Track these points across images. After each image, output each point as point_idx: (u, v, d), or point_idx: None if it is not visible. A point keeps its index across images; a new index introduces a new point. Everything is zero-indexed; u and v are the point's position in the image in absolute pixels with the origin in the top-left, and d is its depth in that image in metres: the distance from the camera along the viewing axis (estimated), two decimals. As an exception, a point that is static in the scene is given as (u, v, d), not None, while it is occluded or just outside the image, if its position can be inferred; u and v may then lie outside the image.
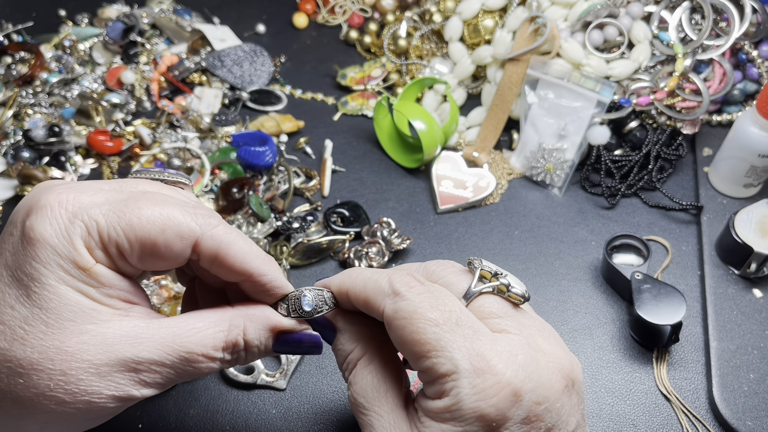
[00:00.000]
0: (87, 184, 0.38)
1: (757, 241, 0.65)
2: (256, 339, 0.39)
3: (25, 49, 0.94)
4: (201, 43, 0.98)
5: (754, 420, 0.57)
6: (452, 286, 0.39)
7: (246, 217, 0.74)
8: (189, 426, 0.58)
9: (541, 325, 0.39)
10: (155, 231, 0.36)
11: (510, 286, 0.38)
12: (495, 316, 0.37)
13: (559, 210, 0.77)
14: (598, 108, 0.75)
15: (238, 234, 0.39)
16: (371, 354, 0.40)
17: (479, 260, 0.39)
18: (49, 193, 0.36)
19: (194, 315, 0.39)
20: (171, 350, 0.36)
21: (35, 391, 0.34)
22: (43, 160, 0.82)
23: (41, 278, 0.34)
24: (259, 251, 0.39)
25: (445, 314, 0.35)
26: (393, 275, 0.38)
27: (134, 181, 0.40)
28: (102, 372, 0.35)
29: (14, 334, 0.34)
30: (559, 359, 0.37)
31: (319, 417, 0.59)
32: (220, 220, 0.38)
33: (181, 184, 0.43)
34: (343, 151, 0.84)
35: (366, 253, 0.69)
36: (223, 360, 0.39)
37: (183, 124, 0.86)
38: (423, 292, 0.36)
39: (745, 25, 0.76)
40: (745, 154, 0.70)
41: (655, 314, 0.60)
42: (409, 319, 0.35)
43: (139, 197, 0.37)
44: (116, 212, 0.36)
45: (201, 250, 0.37)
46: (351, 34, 1.00)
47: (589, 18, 0.79)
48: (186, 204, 0.38)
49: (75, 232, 0.35)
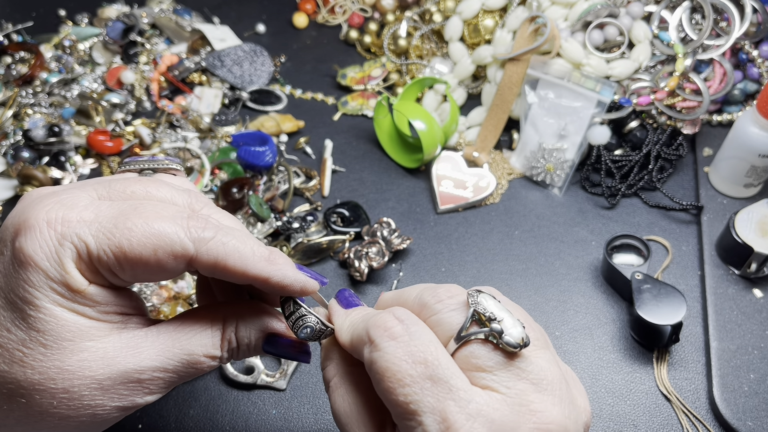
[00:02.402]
0: (75, 196, 0.36)
1: (758, 241, 0.65)
2: (246, 337, 0.39)
3: (25, 49, 0.94)
4: (201, 43, 0.98)
5: (755, 420, 0.57)
6: (443, 326, 0.35)
7: (246, 217, 0.74)
8: (189, 426, 0.58)
9: (538, 376, 0.34)
10: (147, 253, 0.34)
11: (503, 333, 0.33)
12: (482, 369, 0.33)
13: (559, 210, 0.77)
14: (599, 108, 0.75)
15: (236, 238, 0.36)
16: (340, 378, 0.39)
17: (475, 294, 0.36)
18: (38, 209, 0.35)
19: (190, 316, 0.39)
20: (172, 354, 0.36)
21: (38, 410, 0.34)
22: (43, 160, 0.82)
23: (35, 301, 0.34)
24: (260, 252, 0.37)
25: (419, 368, 0.32)
26: (371, 319, 0.35)
27: (123, 182, 0.38)
28: (105, 386, 0.35)
29: (12, 357, 0.34)
30: (548, 423, 0.32)
31: (319, 417, 0.59)
32: (216, 230, 0.36)
33: (173, 170, 0.42)
34: (343, 151, 0.84)
35: (366, 253, 0.69)
36: (222, 358, 0.39)
37: (183, 124, 0.86)
38: (399, 337, 0.33)
39: (746, 25, 0.76)
40: (746, 154, 0.70)
41: (655, 314, 0.60)
42: (381, 375, 0.33)
43: (129, 213, 0.35)
44: (106, 233, 0.34)
45: (198, 265, 0.36)
46: (351, 34, 1.00)
47: (590, 18, 0.79)
48: (179, 212, 0.36)
49: (65, 254, 0.34)
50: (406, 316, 0.35)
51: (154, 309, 0.65)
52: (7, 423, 0.35)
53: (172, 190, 0.39)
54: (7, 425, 0.35)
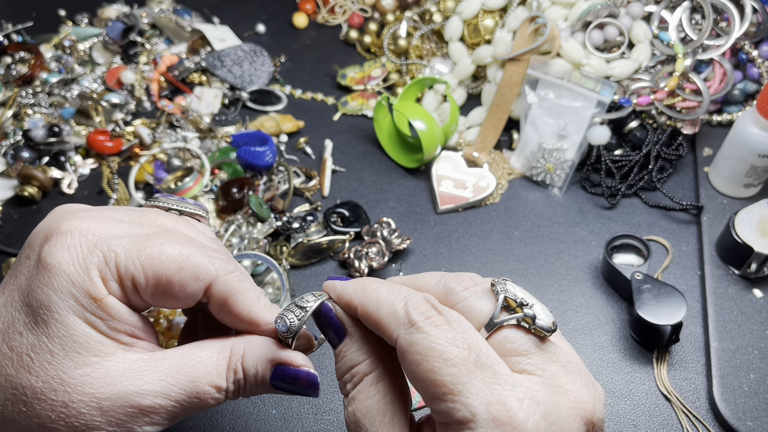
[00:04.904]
0: (108, 214, 0.38)
1: (757, 241, 0.65)
2: (253, 368, 0.38)
3: (25, 49, 0.94)
4: (201, 43, 0.98)
5: (755, 420, 0.57)
6: (473, 313, 0.35)
7: (246, 217, 0.74)
8: (189, 426, 0.58)
9: (565, 359, 0.35)
10: (173, 269, 0.36)
11: (536, 318, 0.35)
12: (517, 353, 0.34)
13: (559, 210, 0.77)
14: (599, 108, 0.75)
15: (250, 283, 0.39)
16: (381, 372, 0.37)
17: (503, 282, 0.36)
18: (71, 219, 0.36)
19: (197, 344, 0.38)
20: (175, 380, 0.36)
21: (37, 421, 0.34)
22: (43, 160, 0.82)
23: (51, 306, 0.34)
24: (266, 302, 0.39)
25: (464, 353, 0.32)
26: (410, 300, 0.35)
27: (153, 214, 0.40)
28: (104, 407, 0.34)
29: (21, 362, 0.34)
30: (583, 403, 0.34)
31: (319, 417, 0.59)
32: (236, 266, 0.39)
33: (198, 216, 0.43)
34: (343, 151, 0.84)
35: (366, 253, 0.69)
36: (228, 390, 0.38)
37: (183, 124, 0.86)
38: (441, 324, 0.33)
39: (746, 25, 0.76)
40: (746, 154, 0.70)
41: (655, 314, 0.60)
42: (424, 355, 0.32)
43: (160, 234, 0.37)
44: (136, 246, 0.36)
45: (212, 294, 0.38)
46: (351, 34, 1.00)
47: (589, 18, 0.79)
48: (205, 247, 0.38)
49: (92, 261, 0.35)
50: (440, 305, 0.35)
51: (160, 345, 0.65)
52: None
53: (197, 231, 0.41)
54: None
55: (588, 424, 0.34)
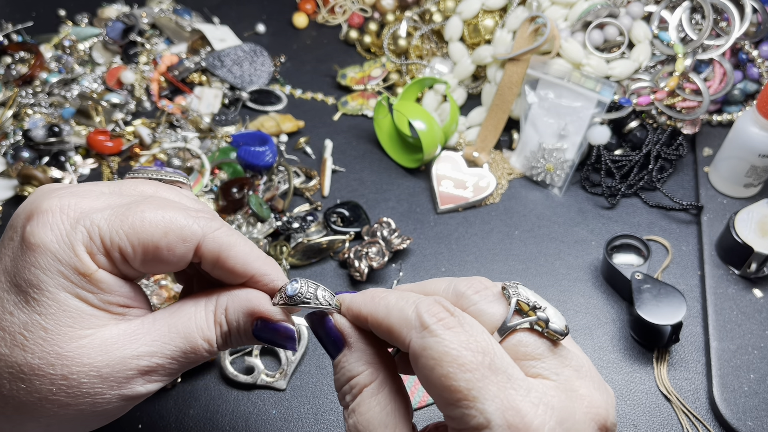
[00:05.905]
0: (87, 189, 0.38)
1: (757, 241, 0.65)
2: (235, 321, 0.39)
3: (25, 49, 0.94)
4: (201, 43, 0.98)
5: (755, 420, 0.57)
6: (485, 316, 0.35)
7: (246, 217, 0.74)
8: (189, 426, 0.58)
9: (578, 363, 0.35)
10: (158, 234, 0.36)
11: (549, 321, 0.34)
12: (531, 357, 0.34)
13: (559, 210, 0.77)
14: (599, 108, 0.75)
15: (239, 236, 0.38)
16: (381, 381, 0.37)
17: (514, 286, 0.36)
18: (50, 197, 0.36)
19: (185, 301, 0.39)
20: (169, 339, 0.37)
21: (38, 396, 0.34)
22: (43, 160, 0.82)
23: (40, 284, 0.34)
24: (260, 253, 0.39)
25: (478, 357, 0.32)
26: (420, 304, 0.34)
27: (133, 183, 0.40)
28: (104, 374, 0.35)
29: (14, 341, 0.34)
30: (597, 407, 0.34)
31: (319, 417, 0.59)
32: (222, 223, 0.38)
33: (179, 183, 0.43)
34: (343, 151, 0.84)
35: (366, 253, 0.69)
36: (217, 342, 0.39)
37: (183, 124, 0.86)
38: (454, 326, 0.33)
39: (746, 25, 0.76)
40: (746, 154, 0.70)
41: (655, 314, 0.60)
42: (438, 360, 0.32)
43: (141, 201, 0.37)
44: (118, 216, 0.36)
45: (203, 253, 0.37)
46: (351, 34, 1.00)
47: (589, 18, 0.79)
48: (187, 207, 0.38)
49: (77, 237, 0.35)
50: (451, 306, 0.35)
51: (155, 308, 0.65)
52: (5, 412, 0.35)
53: (180, 195, 0.40)
54: (5, 414, 0.35)
55: (602, 429, 0.34)
